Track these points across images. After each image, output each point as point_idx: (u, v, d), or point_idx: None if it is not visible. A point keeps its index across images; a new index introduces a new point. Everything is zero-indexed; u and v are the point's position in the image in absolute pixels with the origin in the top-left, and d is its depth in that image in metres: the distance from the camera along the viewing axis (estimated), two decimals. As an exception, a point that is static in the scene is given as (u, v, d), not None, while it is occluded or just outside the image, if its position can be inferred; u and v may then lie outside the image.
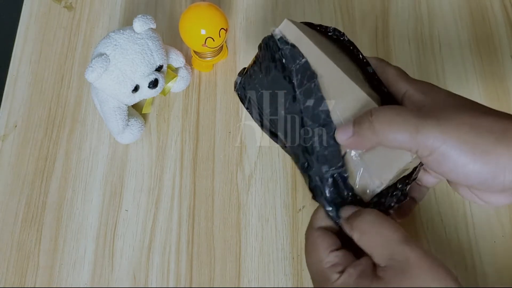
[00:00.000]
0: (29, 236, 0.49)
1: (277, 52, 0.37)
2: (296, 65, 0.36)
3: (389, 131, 0.31)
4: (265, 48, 0.38)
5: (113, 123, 0.49)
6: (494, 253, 0.44)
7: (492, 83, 0.51)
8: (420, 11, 0.56)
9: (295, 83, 0.36)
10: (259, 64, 0.39)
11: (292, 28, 0.37)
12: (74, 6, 0.61)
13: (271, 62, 0.37)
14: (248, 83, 0.39)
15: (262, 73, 0.38)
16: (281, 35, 0.37)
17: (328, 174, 0.35)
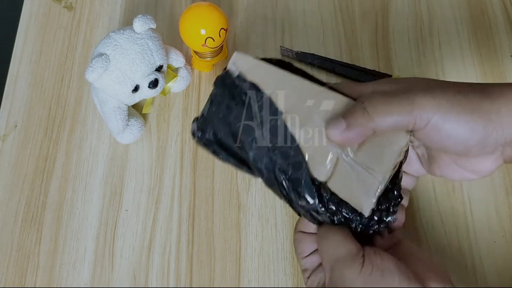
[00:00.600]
0: (29, 236, 0.49)
1: (235, 89, 0.36)
2: (258, 102, 0.35)
3: (385, 112, 0.31)
4: (221, 86, 0.37)
5: (113, 123, 0.49)
6: (494, 253, 0.44)
7: (492, 81, 0.51)
8: (420, 9, 0.56)
9: (259, 120, 0.35)
10: (217, 103, 0.37)
11: (245, 57, 0.37)
12: (74, 6, 0.61)
13: (230, 100, 0.36)
14: (208, 126, 0.38)
15: (223, 112, 0.37)
16: (238, 71, 0.37)
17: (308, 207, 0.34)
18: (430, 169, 0.37)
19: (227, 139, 0.37)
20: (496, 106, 0.31)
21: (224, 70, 0.38)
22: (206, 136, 0.38)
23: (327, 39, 0.55)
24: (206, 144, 0.38)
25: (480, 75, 0.52)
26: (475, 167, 0.35)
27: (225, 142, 0.37)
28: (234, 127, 0.36)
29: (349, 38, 0.55)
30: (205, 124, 0.38)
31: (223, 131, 0.37)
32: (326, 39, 0.55)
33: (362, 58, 0.54)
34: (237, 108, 0.36)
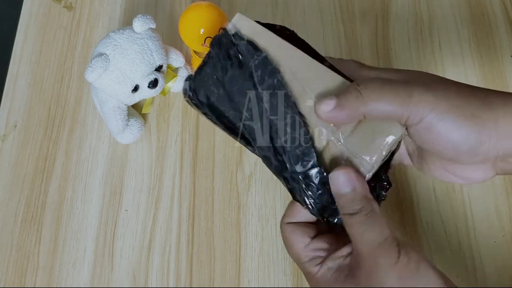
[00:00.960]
0: (29, 236, 0.49)
1: (232, 49, 0.34)
2: (255, 61, 0.34)
3: (380, 98, 0.30)
4: (218, 46, 0.35)
5: (113, 123, 0.49)
6: (494, 253, 0.44)
7: (492, 82, 0.51)
8: (420, 10, 0.56)
9: (256, 80, 0.34)
10: (213, 64, 0.36)
11: (246, 21, 0.35)
12: (74, 6, 0.61)
13: (226, 60, 0.35)
14: (202, 87, 0.36)
15: (218, 73, 0.35)
16: (235, 30, 0.35)
17: (304, 174, 0.33)
18: (420, 167, 0.36)
19: (220, 102, 0.35)
20: (495, 116, 0.30)
21: (222, 30, 0.36)
22: (199, 97, 0.36)
23: (327, 39, 0.55)
24: (197, 105, 0.37)
25: (480, 75, 0.52)
26: (464, 174, 0.34)
27: (217, 106, 0.36)
28: (229, 89, 0.35)
29: (349, 38, 0.55)
30: (198, 85, 0.36)
31: (217, 94, 0.36)
32: (326, 39, 0.55)
33: (362, 58, 0.54)
34: (232, 69, 0.35)
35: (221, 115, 0.36)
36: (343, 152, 0.33)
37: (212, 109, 0.36)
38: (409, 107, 0.30)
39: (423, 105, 0.30)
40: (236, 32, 0.35)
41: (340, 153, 0.33)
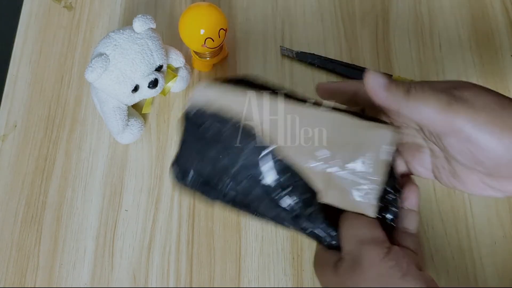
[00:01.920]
0: (29, 236, 0.49)
1: (201, 125, 0.34)
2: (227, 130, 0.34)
3: (422, 100, 0.30)
4: (191, 123, 0.35)
5: (113, 123, 0.49)
6: (495, 254, 0.44)
7: (493, 82, 0.51)
8: (420, 11, 0.56)
9: (239, 145, 0.33)
10: (190, 142, 0.36)
11: (203, 91, 0.35)
12: (74, 6, 0.61)
13: (202, 139, 0.35)
14: (189, 166, 0.35)
15: (199, 151, 0.35)
16: (198, 107, 0.35)
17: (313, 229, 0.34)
18: (451, 183, 0.35)
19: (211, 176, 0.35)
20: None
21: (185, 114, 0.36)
22: (190, 177, 0.36)
23: (327, 39, 0.55)
24: (194, 186, 0.36)
25: (480, 75, 0.52)
26: (503, 187, 0.33)
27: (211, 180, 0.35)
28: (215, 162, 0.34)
29: (349, 38, 0.55)
30: (185, 165, 0.36)
31: (206, 168, 0.35)
32: (326, 39, 0.55)
33: (362, 58, 0.54)
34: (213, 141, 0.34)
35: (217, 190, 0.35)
36: (346, 178, 0.33)
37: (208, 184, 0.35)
38: (446, 116, 0.30)
39: (462, 115, 0.29)
40: (199, 108, 0.35)
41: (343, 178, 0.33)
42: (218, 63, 0.55)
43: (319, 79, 0.53)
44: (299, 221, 0.34)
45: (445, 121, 0.30)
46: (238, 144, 0.34)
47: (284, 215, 0.34)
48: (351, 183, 0.33)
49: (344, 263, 0.32)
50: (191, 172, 0.35)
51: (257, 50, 0.55)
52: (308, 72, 0.54)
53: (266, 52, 0.55)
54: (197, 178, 0.35)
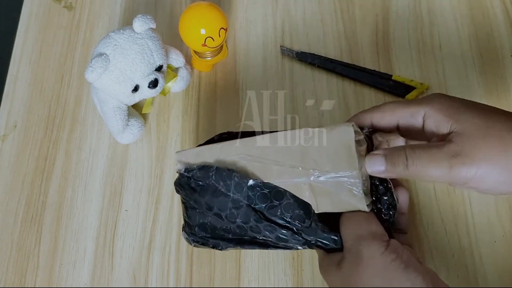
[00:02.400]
0: (29, 236, 0.49)
1: (191, 182, 0.38)
2: (212, 177, 0.37)
3: (424, 172, 0.32)
4: (181, 189, 0.40)
5: (113, 123, 0.49)
6: (495, 253, 0.44)
7: (493, 82, 0.51)
8: (420, 10, 0.56)
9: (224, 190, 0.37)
10: (189, 205, 0.40)
11: (184, 153, 0.40)
12: (74, 6, 0.61)
13: (194, 193, 0.38)
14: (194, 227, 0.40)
15: (196, 208, 0.39)
16: (183, 166, 0.39)
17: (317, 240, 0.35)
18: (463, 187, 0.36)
19: (215, 227, 0.38)
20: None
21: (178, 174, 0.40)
22: (199, 235, 0.39)
23: (327, 39, 0.55)
24: (204, 242, 0.39)
25: (480, 75, 0.52)
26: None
27: (216, 232, 0.39)
28: (211, 212, 0.38)
29: (349, 38, 0.55)
30: (191, 227, 0.40)
31: (208, 223, 0.39)
32: (326, 39, 0.55)
33: (362, 58, 0.54)
34: (201, 195, 0.38)
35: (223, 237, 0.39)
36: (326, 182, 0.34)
37: (215, 236, 0.39)
38: (450, 175, 0.32)
39: (463, 174, 0.31)
40: (184, 167, 0.39)
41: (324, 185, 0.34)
42: (218, 63, 0.55)
43: (319, 79, 0.53)
44: (302, 235, 0.35)
45: (450, 180, 0.32)
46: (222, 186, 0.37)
47: (286, 233, 0.36)
48: (335, 185, 0.34)
49: (346, 261, 0.33)
50: (196, 230, 0.39)
51: (257, 50, 0.55)
52: (308, 72, 0.54)
53: (266, 52, 0.55)
54: (203, 235, 0.39)
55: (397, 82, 0.51)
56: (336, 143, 0.34)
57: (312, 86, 0.53)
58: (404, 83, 0.51)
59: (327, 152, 0.34)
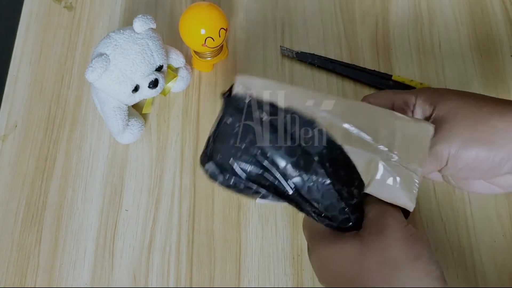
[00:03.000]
0: (29, 236, 0.49)
1: (255, 113, 0.33)
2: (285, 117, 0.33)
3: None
4: (237, 113, 0.34)
5: (113, 123, 0.49)
6: (495, 253, 0.44)
7: (493, 82, 0.51)
8: (420, 10, 0.56)
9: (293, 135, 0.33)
10: (236, 133, 0.33)
11: (251, 80, 0.34)
12: (74, 6, 0.61)
13: (254, 125, 0.33)
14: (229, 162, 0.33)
15: (246, 140, 0.33)
16: (248, 94, 0.34)
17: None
18: (458, 186, 0.38)
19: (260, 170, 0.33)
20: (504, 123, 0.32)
21: (226, 94, 0.35)
22: (232, 173, 0.33)
23: (327, 39, 0.55)
24: (235, 183, 0.34)
25: (480, 75, 0.52)
26: (507, 182, 0.35)
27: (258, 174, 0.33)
28: (268, 153, 0.33)
29: (349, 38, 0.55)
30: (225, 160, 0.33)
31: (254, 163, 0.33)
32: (326, 39, 0.55)
33: (362, 58, 0.54)
34: (265, 131, 0.33)
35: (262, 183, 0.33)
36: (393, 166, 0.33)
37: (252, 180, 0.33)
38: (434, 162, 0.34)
39: (440, 156, 0.33)
40: (249, 95, 0.33)
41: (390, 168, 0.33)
42: (218, 63, 0.55)
43: (319, 79, 0.53)
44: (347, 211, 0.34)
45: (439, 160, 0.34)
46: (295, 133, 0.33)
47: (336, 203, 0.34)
48: (396, 173, 0.33)
49: (367, 229, 0.33)
50: (235, 166, 0.33)
51: (257, 50, 0.55)
52: (308, 72, 0.54)
53: (266, 52, 0.55)
54: (242, 172, 0.33)
55: (397, 82, 0.51)
56: (412, 136, 0.33)
57: (312, 86, 0.53)
58: (404, 83, 0.51)
59: (402, 140, 0.33)
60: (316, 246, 0.35)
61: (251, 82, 0.34)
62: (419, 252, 0.31)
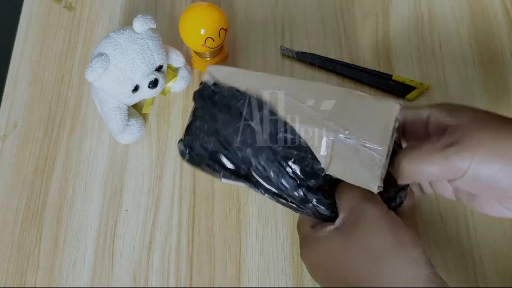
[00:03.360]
0: (29, 236, 0.49)
1: (215, 96, 0.37)
2: (239, 101, 0.36)
3: (419, 169, 0.32)
4: (201, 99, 0.38)
5: (113, 123, 0.49)
6: (495, 253, 0.44)
7: (493, 82, 0.51)
8: (420, 10, 0.56)
9: (247, 117, 0.36)
10: (200, 117, 0.38)
11: (219, 68, 0.38)
12: (74, 6, 0.61)
13: (213, 108, 0.37)
14: (196, 141, 0.38)
15: (207, 123, 0.37)
16: (214, 81, 0.38)
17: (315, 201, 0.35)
18: (470, 205, 0.37)
19: (218, 148, 0.37)
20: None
21: (200, 84, 0.39)
22: (196, 152, 0.38)
23: (327, 39, 0.55)
24: (198, 162, 0.38)
25: (480, 75, 0.52)
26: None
27: (216, 154, 0.37)
28: (223, 133, 0.37)
29: (350, 38, 0.55)
30: (192, 141, 0.38)
31: (213, 142, 0.37)
32: (326, 39, 0.55)
33: (362, 58, 0.54)
34: (221, 113, 0.37)
35: (222, 162, 0.37)
36: (351, 145, 0.33)
37: (213, 159, 0.37)
38: (448, 167, 0.31)
39: (460, 163, 0.31)
40: (214, 81, 0.38)
41: (348, 148, 0.33)
42: (218, 63, 0.55)
43: (319, 79, 0.53)
44: (303, 191, 0.35)
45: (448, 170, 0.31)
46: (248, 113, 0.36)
47: (290, 183, 0.35)
48: (357, 152, 0.33)
49: (346, 221, 0.33)
50: (196, 146, 0.38)
51: (257, 50, 0.55)
52: (308, 72, 0.54)
53: (266, 52, 0.55)
54: (201, 153, 0.37)
55: (397, 82, 0.51)
56: (377, 114, 0.33)
57: (312, 86, 0.53)
58: (404, 83, 0.51)
59: (364, 118, 0.33)
60: (303, 245, 0.36)
61: (219, 70, 0.38)
62: (402, 238, 0.31)
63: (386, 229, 0.31)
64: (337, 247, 0.33)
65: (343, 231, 0.33)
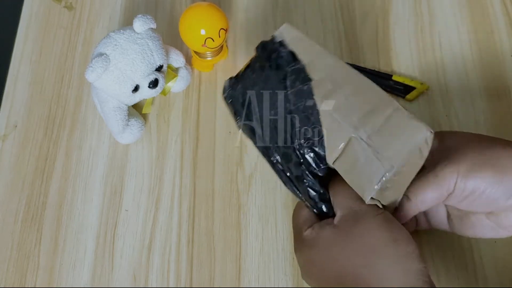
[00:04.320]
0: (29, 236, 0.49)
1: (274, 53, 0.38)
2: (291, 67, 0.37)
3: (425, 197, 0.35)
4: (262, 50, 0.39)
5: (113, 123, 0.49)
6: (495, 253, 0.44)
7: (493, 82, 0.51)
8: (420, 11, 0.56)
9: (288, 83, 0.36)
10: (253, 65, 0.39)
11: (292, 30, 0.38)
12: (74, 6, 0.61)
13: (266, 61, 0.38)
14: (239, 84, 0.39)
15: (256, 73, 0.38)
16: (281, 39, 0.38)
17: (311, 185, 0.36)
18: (463, 231, 0.39)
19: (251, 100, 0.38)
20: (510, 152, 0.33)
21: (271, 36, 0.39)
22: (236, 93, 0.39)
23: (327, 39, 0.55)
24: (232, 102, 0.39)
25: (480, 76, 0.52)
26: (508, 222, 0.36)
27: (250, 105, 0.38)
28: (262, 86, 0.38)
29: (350, 38, 0.55)
30: (237, 83, 0.40)
31: (250, 92, 0.38)
32: (326, 39, 0.55)
33: (362, 58, 0.54)
34: (269, 69, 0.37)
35: (250, 114, 0.39)
36: (365, 149, 0.33)
37: (243, 106, 0.39)
38: (441, 188, 0.34)
39: (447, 180, 0.33)
40: (281, 40, 0.38)
41: (361, 150, 0.33)
42: (218, 63, 0.55)
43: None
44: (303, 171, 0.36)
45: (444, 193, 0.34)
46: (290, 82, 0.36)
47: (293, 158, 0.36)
48: (369, 157, 0.33)
49: (343, 218, 0.34)
50: (239, 88, 0.39)
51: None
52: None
53: (266, 52, 0.55)
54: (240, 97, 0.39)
55: (397, 82, 0.51)
56: (405, 132, 0.33)
57: (312, 86, 0.53)
58: (404, 83, 0.51)
59: (391, 131, 0.33)
60: (302, 245, 0.36)
61: (290, 31, 0.39)
62: (397, 235, 0.32)
63: (382, 226, 0.33)
64: (336, 244, 0.34)
65: (342, 229, 0.34)
